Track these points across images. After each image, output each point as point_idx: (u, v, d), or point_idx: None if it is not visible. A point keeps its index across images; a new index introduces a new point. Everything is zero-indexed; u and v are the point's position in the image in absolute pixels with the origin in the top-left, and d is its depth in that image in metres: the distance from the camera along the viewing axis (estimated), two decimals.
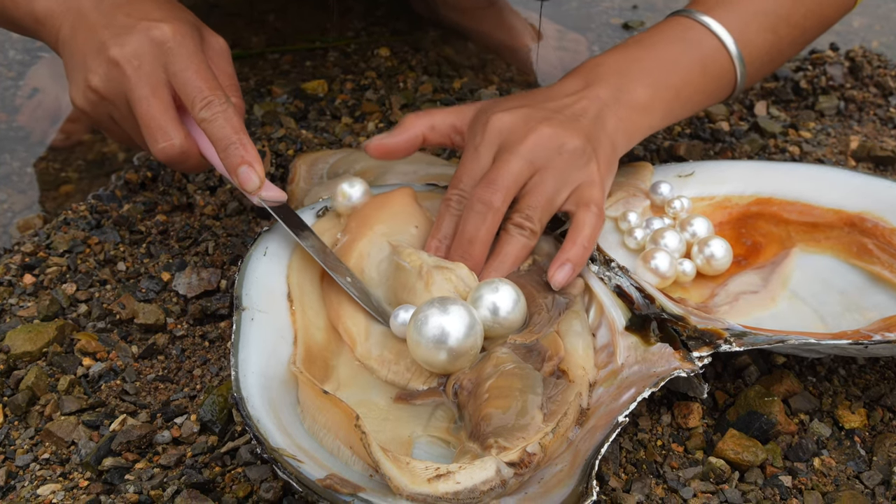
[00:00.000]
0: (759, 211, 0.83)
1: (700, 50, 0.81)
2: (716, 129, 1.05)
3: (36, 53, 1.24)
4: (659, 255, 0.75)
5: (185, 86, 0.73)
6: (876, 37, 1.37)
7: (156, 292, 0.82)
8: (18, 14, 0.78)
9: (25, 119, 1.12)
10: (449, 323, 0.64)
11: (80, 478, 0.66)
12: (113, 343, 0.77)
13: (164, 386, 0.74)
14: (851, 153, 1.02)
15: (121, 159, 1.05)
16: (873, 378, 0.73)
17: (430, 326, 0.64)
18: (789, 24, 0.86)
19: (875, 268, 0.76)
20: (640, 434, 0.68)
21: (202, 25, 0.79)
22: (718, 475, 0.64)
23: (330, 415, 0.61)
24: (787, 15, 0.85)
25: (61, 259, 0.85)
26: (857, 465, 0.66)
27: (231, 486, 0.64)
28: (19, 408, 0.71)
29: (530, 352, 0.67)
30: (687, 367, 0.64)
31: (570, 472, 0.57)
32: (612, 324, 0.70)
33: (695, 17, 0.82)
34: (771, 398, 0.69)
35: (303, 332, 0.68)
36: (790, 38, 0.87)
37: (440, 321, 0.64)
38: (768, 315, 0.75)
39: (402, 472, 0.55)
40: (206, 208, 0.92)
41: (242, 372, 0.63)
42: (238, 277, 0.70)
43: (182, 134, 0.73)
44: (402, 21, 1.32)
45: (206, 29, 0.80)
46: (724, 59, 0.82)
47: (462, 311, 0.65)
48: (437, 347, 0.65)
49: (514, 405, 0.62)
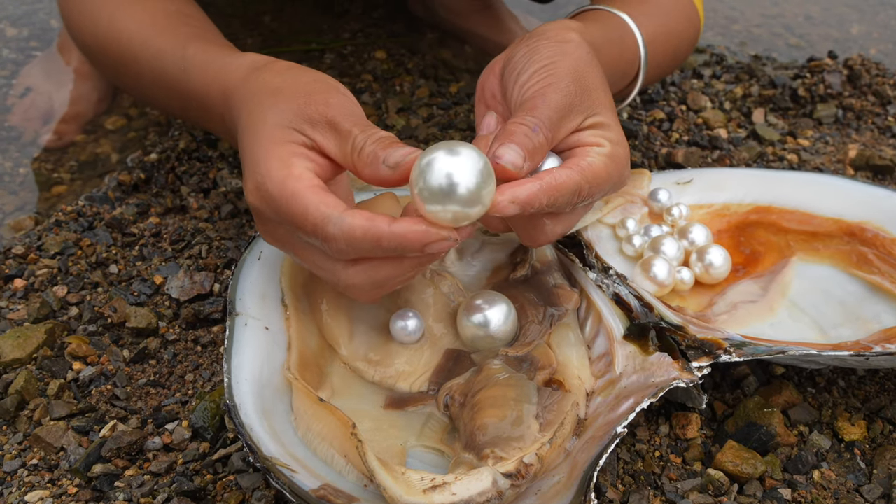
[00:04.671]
0: (758, 219, 0.82)
1: (619, 33, 0.80)
2: (714, 136, 1.04)
3: (29, 52, 1.23)
4: (657, 263, 0.75)
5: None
6: (874, 45, 1.37)
7: (148, 296, 0.81)
8: (213, 125, 0.75)
9: (17, 119, 1.11)
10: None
11: (69, 484, 0.65)
12: (104, 347, 0.76)
13: (155, 391, 0.73)
14: (850, 162, 1.02)
15: (114, 160, 1.04)
16: (873, 390, 0.72)
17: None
18: (674, 47, 0.88)
19: (875, 278, 0.76)
20: (637, 445, 0.67)
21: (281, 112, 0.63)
22: (717, 487, 0.63)
23: (325, 423, 0.60)
24: (675, 33, 0.87)
25: (52, 261, 0.84)
26: (857, 478, 0.66)
27: (223, 495, 0.63)
28: (7, 412, 0.70)
29: (522, 363, 0.66)
30: (686, 378, 0.63)
31: (568, 484, 0.57)
32: (611, 332, 0.69)
33: (612, 11, 0.81)
34: (770, 409, 0.68)
35: (297, 339, 0.67)
36: (668, 62, 0.89)
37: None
38: (767, 325, 0.74)
39: (397, 482, 0.55)
40: (200, 211, 0.91)
41: (236, 378, 0.62)
42: (232, 282, 0.69)
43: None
44: (399, 23, 1.31)
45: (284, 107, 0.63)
46: (635, 52, 0.81)
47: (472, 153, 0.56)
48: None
49: (510, 414, 0.62)
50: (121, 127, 1.10)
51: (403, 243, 0.55)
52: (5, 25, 1.30)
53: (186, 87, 0.74)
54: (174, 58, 0.75)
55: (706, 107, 1.12)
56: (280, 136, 0.60)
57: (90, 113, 1.11)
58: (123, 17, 0.80)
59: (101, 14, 0.81)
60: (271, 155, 0.59)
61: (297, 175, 0.58)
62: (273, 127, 0.60)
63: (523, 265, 0.73)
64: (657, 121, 1.08)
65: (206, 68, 0.72)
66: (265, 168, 0.59)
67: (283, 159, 0.59)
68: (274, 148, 0.59)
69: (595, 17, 0.80)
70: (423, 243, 0.55)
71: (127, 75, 0.81)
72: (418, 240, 0.55)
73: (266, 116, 0.61)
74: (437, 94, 1.13)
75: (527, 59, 0.67)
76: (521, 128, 0.61)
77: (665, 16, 0.87)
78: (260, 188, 0.59)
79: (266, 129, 0.61)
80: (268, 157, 0.59)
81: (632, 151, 1.00)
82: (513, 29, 1.24)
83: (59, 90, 1.12)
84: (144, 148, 1.01)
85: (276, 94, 0.63)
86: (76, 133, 1.09)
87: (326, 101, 0.61)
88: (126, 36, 0.79)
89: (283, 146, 0.59)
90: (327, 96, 0.61)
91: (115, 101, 1.13)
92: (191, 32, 0.77)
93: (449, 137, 1.03)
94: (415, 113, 1.08)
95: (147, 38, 0.78)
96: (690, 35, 0.91)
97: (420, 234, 0.55)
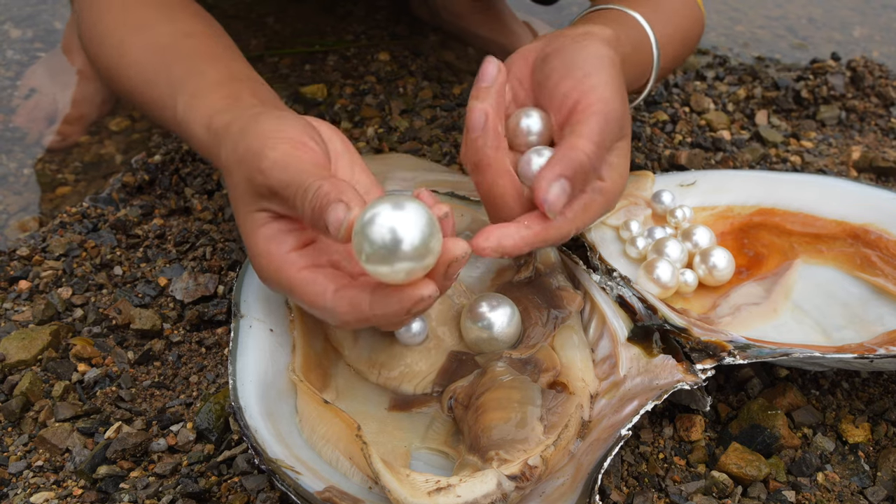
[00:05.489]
0: (762, 221, 0.82)
1: (639, 37, 0.80)
2: (717, 138, 1.04)
3: (33, 53, 1.23)
4: (661, 265, 0.75)
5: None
6: (877, 47, 1.37)
7: (152, 297, 0.81)
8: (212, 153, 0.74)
9: (22, 120, 1.11)
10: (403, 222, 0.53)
11: (75, 486, 0.65)
12: (108, 349, 0.76)
13: (159, 393, 0.73)
14: (853, 164, 1.02)
15: (118, 162, 1.04)
16: (877, 392, 0.72)
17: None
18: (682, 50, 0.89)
19: (878, 280, 0.76)
20: (641, 447, 0.67)
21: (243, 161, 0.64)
22: (721, 489, 0.63)
23: (330, 425, 0.60)
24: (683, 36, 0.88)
25: (57, 263, 0.84)
26: (860, 480, 0.66)
27: (227, 496, 0.63)
28: (13, 414, 0.70)
29: (526, 365, 0.66)
30: (690, 380, 0.63)
31: (573, 486, 0.57)
32: (615, 335, 0.69)
33: (624, 10, 0.81)
34: (774, 411, 0.68)
35: (301, 341, 0.67)
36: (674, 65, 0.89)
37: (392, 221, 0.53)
38: (770, 327, 0.74)
39: (402, 484, 0.55)
40: (204, 213, 0.91)
41: (240, 380, 0.62)
42: (236, 284, 0.70)
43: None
44: (402, 25, 1.31)
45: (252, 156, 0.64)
46: (649, 58, 0.81)
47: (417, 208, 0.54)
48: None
49: (514, 416, 0.62)
50: (125, 128, 1.10)
51: (389, 319, 0.57)
52: (9, 27, 1.30)
53: (174, 117, 0.75)
54: (170, 112, 0.76)
55: (709, 108, 1.12)
56: (251, 222, 0.63)
57: (94, 114, 1.11)
58: (131, 48, 0.80)
59: (113, 41, 0.81)
60: (258, 241, 0.62)
61: (282, 261, 0.61)
62: (244, 213, 0.63)
63: (527, 267, 0.73)
64: (660, 122, 1.08)
65: (191, 107, 0.73)
66: (259, 257, 0.62)
67: (267, 245, 0.62)
68: (255, 233, 0.62)
69: (617, 19, 0.79)
70: (405, 312, 0.56)
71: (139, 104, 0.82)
72: (398, 312, 0.56)
73: (236, 201, 0.64)
74: (441, 96, 1.13)
75: (568, 65, 0.68)
76: (577, 158, 0.63)
77: (675, 18, 0.86)
78: (262, 272, 0.62)
79: (241, 216, 0.64)
80: (256, 244, 0.62)
81: (635, 153, 1.00)
82: (515, 30, 1.24)
83: (63, 91, 1.12)
84: (148, 149, 1.01)
85: (230, 173, 0.65)
86: (80, 134, 1.09)
87: (260, 170, 0.61)
88: (135, 71, 0.79)
89: (260, 229, 0.62)
90: (259, 163, 0.61)
91: (119, 103, 1.13)
92: (183, 73, 0.76)
93: (453, 139, 1.03)
94: (418, 115, 1.09)
95: (148, 80, 0.78)
96: (696, 37, 0.91)
97: (398, 305, 0.56)
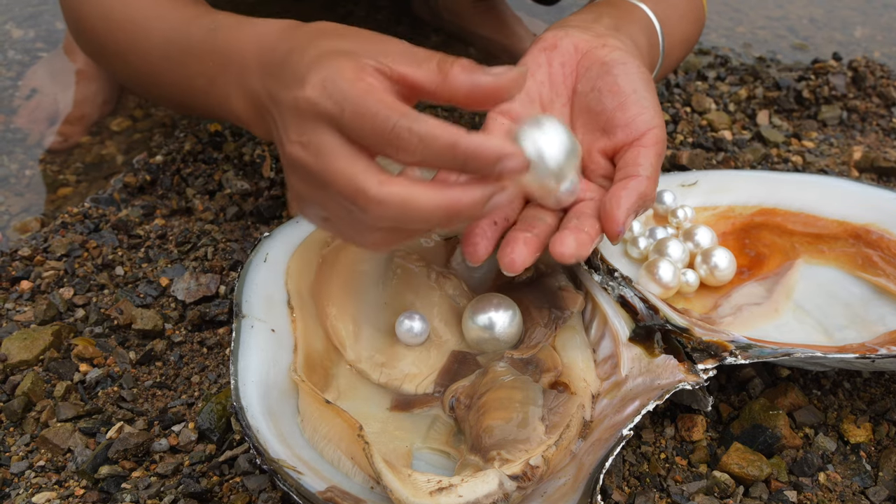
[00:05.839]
0: (763, 221, 0.82)
1: (652, 38, 0.80)
2: (718, 138, 1.04)
3: (35, 54, 1.23)
4: (662, 266, 0.75)
5: (370, 140, 0.54)
6: (878, 47, 1.37)
7: (154, 297, 0.81)
8: (232, 119, 0.72)
9: (23, 121, 1.11)
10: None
11: (76, 486, 0.65)
12: (110, 349, 0.76)
13: (161, 393, 0.73)
14: (854, 164, 1.02)
15: (119, 162, 1.04)
16: (878, 392, 0.72)
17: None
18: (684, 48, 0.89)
19: (880, 280, 0.76)
20: (643, 447, 0.67)
21: (362, 41, 0.60)
22: (723, 489, 0.63)
23: (332, 425, 0.60)
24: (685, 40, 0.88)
25: (59, 263, 0.84)
26: (862, 480, 0.66)
27: (229, 496, 0.63)
28: (15, 414, 0.70)
29: (527, 365, 0.66)
30: (692, 380, 0.63)
31: (574, 486, 0.57)
32: (616, 335, 0.69)
33: (632, 2, 0.80)
34: (776, 411, 0.68)
35: (303, 340, 0.67)
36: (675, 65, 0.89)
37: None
38: (772, 327, 0.74)
39: (403, 484, 0.55)
40: (205, 213, 0.91)
41: (242, 380, 0.62)
42: (238, 284, 0.70)
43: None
44: (404, 25, 1.31)
45: (368, 40, 0.61)
46: (656, 56, 0.81)
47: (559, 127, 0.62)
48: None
49: (515, 416, 0.62)
50: (126, 128, 1.10)
51: (479, 152, 0.52)
52: (11, 27, 1.30)
53: (210, 47, 0.71)
54: (200, 20, 0.73)
55: (710, 108, 1.12)
56: (348, 57, 0.56)
57: (95, 115, 1.11)
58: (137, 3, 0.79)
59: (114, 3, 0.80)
60: (341, 61, 0.55)
61: (371, 76, 0.55)
62: (339, 51, 0.57)
63: (528, 267, 0.73)
64: None
65: (240, 25, 0.69)
66: (335, 66, 0.54)
67: (354, 67, 0.55)
68: (342, 58, 0.55)
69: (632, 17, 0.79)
70: (499, 156, 0.52)
71: (134, 55, 0.79)
72: (494, 152, 0.52)
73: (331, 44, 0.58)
74: None
75: (620, 91, 0.68)
76: (645, 191, 0.65)
77: (681, 17, 0.86)
78: (326, 83, 0.54)
79: (330, 50, 0.57)
80: (337, 59, 0.55)
81: None
82: (516, 31, 1.24)
83: (64, 92, 1.12)
84: (150, 150, 1.02)
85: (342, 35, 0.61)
86: (81, 135, 1.09)
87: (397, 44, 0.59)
88: (141, 14, 0.77)
89: (353, 60, 0.55)
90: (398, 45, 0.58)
91: (121, 103, 1.13)
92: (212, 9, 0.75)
93: None
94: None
95: (167, 10, 0.76)
96: (696, 35, 0.91)
97: (495, 147, 0.52)
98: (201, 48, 0.72)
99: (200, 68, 0.72)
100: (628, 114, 0.67)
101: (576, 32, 0.72)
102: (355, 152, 0.54)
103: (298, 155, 0.56)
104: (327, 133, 0.55)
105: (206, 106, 0.74)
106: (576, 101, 0.71)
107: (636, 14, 0.79)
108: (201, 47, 0.72)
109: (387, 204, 0.53)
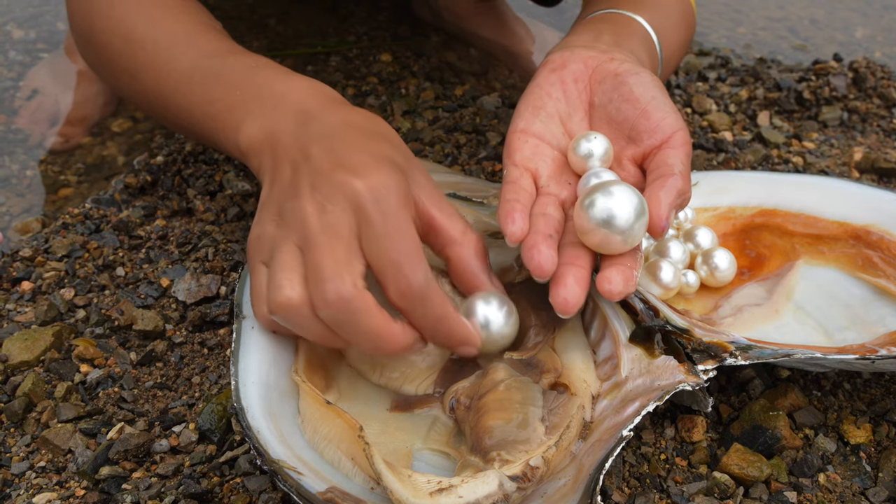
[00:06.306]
0: (764, 222, 0.82)
1: (643, 35, 0.81)
2: (719, 139, 1.04)
3: (36, 54, 1.24)
4: (663, 266, 0.75)
5: (379, 259, 0.59)
6: (879, 48, 1.37)
7: (155, 298, 0.81)
8: (227, 147, 0.73)
9: (24, 121, 1.11)
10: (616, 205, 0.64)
11: (77, 487, 0.65)
12: (111, 349, 0.76)
13: (162, 393, 0.73)
14: (855, 164, 1.02)
15: (120, 163, 1.04)
16: (878, 393, 0.72)
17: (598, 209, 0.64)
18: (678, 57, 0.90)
19: (880, 281, 0.76)
20: (643, 448, 0.67)
21: (411, 163, 0.65)
22: (723, 490, 0.63)
23: (332, 426, 0.60)
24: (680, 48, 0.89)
25: (59, 264, 0.84)
26: (862, 481, 0.66)
27: (230, 497, 0.63)
28: (15, 415, 0.70)
29: (527, 366, 0.66)
30: (692, 381, 0.63)
31: (574, 487, 0.57)
32: (616, 335, 0.69)
33: (627, 15, 0.81)
34: (776, 412, 0.68)
35: (303, 342, 0.67)
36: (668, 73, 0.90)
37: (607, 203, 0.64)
38: (772, 328, 0.74)
39: (404, 485, 0.55)
40: (206, 214, 0.91)
41: (243, 381, 0.62)
42: (239, 285, 0.70)
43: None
44: (404, 26, 1.31)
45: (415, 166, 0.65)
46: (655, 53, 0.82)
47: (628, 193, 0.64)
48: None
49: (515, 417, 0.62)
50: (127, 129, 1.10)
51: (453, 330, 0.62)
52: (12, 27, 1.30)
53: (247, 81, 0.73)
54: (242, 58, 0.75)
55: (711, 109, 1.12)
56: (402, 178, 0.62)
57: (96, 115, 1.11)
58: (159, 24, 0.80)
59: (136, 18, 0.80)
60: (398, 178, 0.61)
61: (412, 209, 0.61)
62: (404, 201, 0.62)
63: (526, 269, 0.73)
64: None
65: (287, 74, 0.73)
66: (392, 181, 0.60)
67: (406, 194, 0.61)
68: (398, 175, 0.61)
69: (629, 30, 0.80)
70: (464, 340, 0.62)
71: (149, 74, 0.79)
72: (463, 336, 0.62)
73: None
74: (443, 97, 1.13)
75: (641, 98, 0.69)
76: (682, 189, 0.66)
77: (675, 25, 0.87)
78: (379, 188, 0.59)
79: (386, 156, 0.63)
80: (394, 174, 0.61)
81: None
82: (517, 32, 1.24)
83: (65, 93, 1.12)
84: (150, 150, 1.02)
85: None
86: (82, 136, 1.09)
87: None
88: (169, 38, 0.78)
89: (405, 184, 0.62)
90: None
91: (122, 104, 1.14)
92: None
93: (455, 141, 1.03)
94: (420, 115, 1.09)
95: (200, 40, 0.78)
96: (690, 40, 0.92)
97: (465, 333, 0.63)
98: (233, 79, 0.73)
99: (222, 95, 0.73)
100: (652, 119, 0.69)
101: (581, 50, 0.73)
102: (358, 253, 0.58)
103: (309, 211, 0.59)
104: (349, 221, 0.59)
105: (204, 130, 0.75)
106: (594, 114, 0.72)
107: (633, 27, 0.80)
108: (234, 79, 0.73)
109: (346, 305, 0.57)
